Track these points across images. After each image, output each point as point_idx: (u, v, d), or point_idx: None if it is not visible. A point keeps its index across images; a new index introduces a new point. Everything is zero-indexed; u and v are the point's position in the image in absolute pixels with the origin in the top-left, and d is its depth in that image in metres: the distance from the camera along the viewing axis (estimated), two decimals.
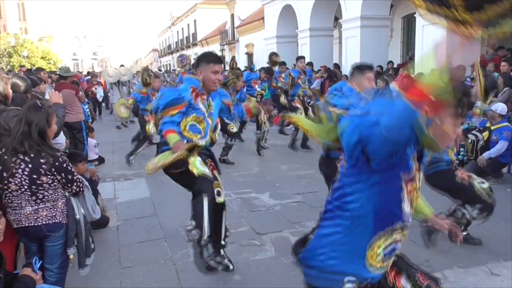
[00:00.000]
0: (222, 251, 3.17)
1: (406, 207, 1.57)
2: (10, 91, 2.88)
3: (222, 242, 3.14)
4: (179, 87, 3.19)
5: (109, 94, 14.41)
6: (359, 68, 3.45)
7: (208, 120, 3.19)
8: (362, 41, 11.46)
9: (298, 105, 8.09)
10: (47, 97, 5.13)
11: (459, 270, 3.36)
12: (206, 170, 2.95)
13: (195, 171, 2.92)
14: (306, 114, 8.19)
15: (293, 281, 3.26)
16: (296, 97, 8.19)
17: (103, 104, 15.43)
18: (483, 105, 6.34)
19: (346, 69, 12.29)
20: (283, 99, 8.52)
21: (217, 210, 2.96)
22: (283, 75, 8.75)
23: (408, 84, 1.30)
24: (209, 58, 3.12)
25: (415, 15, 9.66)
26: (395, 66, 11.36)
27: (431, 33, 8.88)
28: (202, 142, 3.14)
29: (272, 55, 8.65)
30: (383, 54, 11.78)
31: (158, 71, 17.43)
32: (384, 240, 1.60)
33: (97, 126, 11.35)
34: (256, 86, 8.28)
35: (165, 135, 3.00)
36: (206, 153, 3.22)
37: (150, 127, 6.78)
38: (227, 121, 7.11)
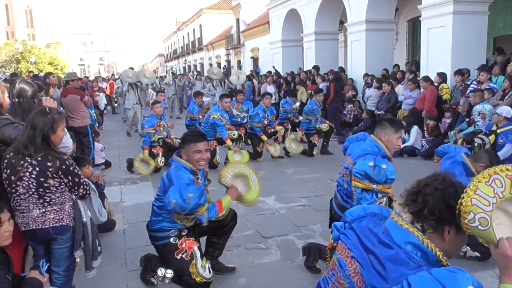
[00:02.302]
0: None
1: None
2: (7, 100, 2.86)
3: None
4: (181, 174, 2.88)
5: (115, 99, 13.66)
6: (393, 126, 3.18)
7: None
8: (367, 44, 11.45)
9: (316, 142, 7.91)
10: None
11: (479, 274, 3.33)
12: (207, 275, 2.92)
13: (198, 279, 2.88)
14: (322, 132, 8.04)
15: (298, 284, 3.26)
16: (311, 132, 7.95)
17: (105, 111, 14.71)
18: (491, 108, 6.31)
19: (351, 73, 12.28)
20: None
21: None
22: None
23: None
24: (190, 138, 2.97)
25: (420, 19, 9.64)
26: (401, 69, 11.32)
27: (436, 36, 8.87)
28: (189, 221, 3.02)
29: None
30: (389, 58, 11.75)
31: (171, 71, 17.23)
32: None
33: (103, 130, 11.41)
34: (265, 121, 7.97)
35: (220, 210, 2.98)
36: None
37: (159, 160, 6.77)
38: (222, 134, 7.13)
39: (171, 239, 2.92)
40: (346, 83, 11.91)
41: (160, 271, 2.99)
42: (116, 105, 16.84)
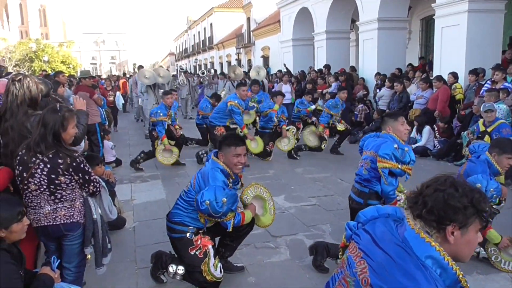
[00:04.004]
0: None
1: None
2: (40, 95, 2.94)
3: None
4: (217, 176, 2.91)
5: (138, 99, 12.89)
6: (391, 116, 3.53)
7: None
8: (379, 43, 11.33)
9: (326, 137, 7.82)
10: (71, 100, 5.23)
11: (479, 276, 3.28)
12: (218, 274, 2.95)
13: (208, 277, 2.91)
14: (337, 130, 7.99)
15: (307, 283, 3.24)
16: (327, 127, 7.85)
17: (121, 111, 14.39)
18: (507, 108, 6.23)
19: (363, 72, 12.18)
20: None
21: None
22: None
23: None
24: (231, 141, 3.01)
25: (434, 17, 9.51)
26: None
27: (450, 35, 8.74)
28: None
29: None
30: (401, 57, 11.63)
31: (181, 69, 16.89)
32: None
33: (118, 132, 11.42)
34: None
35: (243, 221, 3.05)
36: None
37: (160, 143, 6.88)
38: (233, 126, 7.20)
39: (188, 234, 2.95)
40: (357, 82, 11.83)
41: (172, 268, 3.03)
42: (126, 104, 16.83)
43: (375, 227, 1.58)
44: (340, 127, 7.88)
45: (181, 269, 3.01)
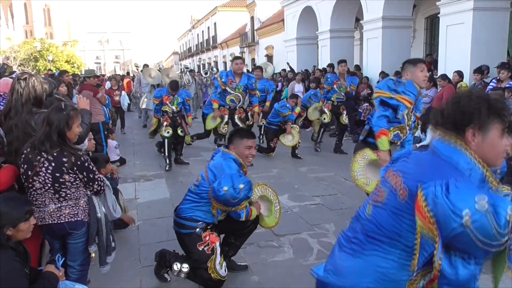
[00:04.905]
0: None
1: None
2: (44, 94, 2.96)
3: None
4: (231, 165, 2.97)
5: (143, 99, 12.69)
6: (411, 62, 3.62)
7: None
8: (384, 42, 11.29)
9: (326, 110, 7.90)
10: (74, 100, 5.26)
11: (484, 276, 3.24)
12: (223, 273, 2.98)
13: (213, 275, 2.93)
14: (338, 120, 8.03)
15: (311, 283, 3.22)
16: (329, 102, 7.94)
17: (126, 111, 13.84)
18: None
19: (367, 71, 12.14)
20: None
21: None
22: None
23: None
24: (242, 133, 3.14)
25: (438, 15, 9.46)
26: None
27: (455, 33, 8.69)
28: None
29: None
30: (405, 55, 11.53)
31: (185, 68, 16.69)
32: None
33: (125, 134, 11.38)
34: None
35: (251, 215, 3.09)
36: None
37: (164, 130, 6.92)
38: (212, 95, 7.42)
39: (197, 230, 2.96)
40: (361, 81, 11.78)
41: (176, 266, 3.04)
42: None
43: (408, 155, 1.60)
44: (342, 118, 7.92)
45: (185, 267, 3.02)
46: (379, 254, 1.47)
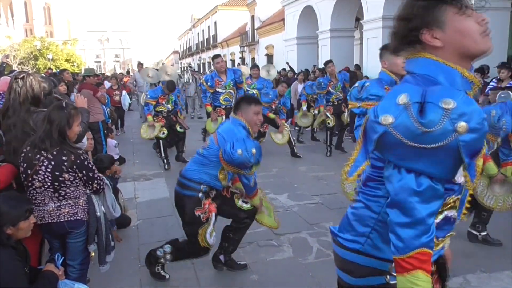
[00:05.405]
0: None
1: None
2: (42, 93, 2.96)
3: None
4: (241, 130, 2.99)
5: (144, 94, 12.42)
6: (388, 48, 3.43)
7: None
8: (384, 41, 11.26)
9: (329, 114, 7.81)
10: (72, 98, 5.26)
11: (482, 274, 3.27)
12: (211, 241, 3.00)
13: (201, 242, 2.97)
14: (340, 118, 7.96)
15: (310, 281, 3.24)
16: (329, 105, 7.83)
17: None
18: None
19: (367, 70, 12.14)
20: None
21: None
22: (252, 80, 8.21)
23: None
24: (250, 100, 3.14)
25: None
26: None
27: None
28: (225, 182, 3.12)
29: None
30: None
31: (189, 67, 16.48)
32: None
33: (125, 133, 11.40)
34: (273, 106, 7.78)
35: (256, 193, 3.14)
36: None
37: (159, 130, 6.91)
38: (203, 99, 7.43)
39: (200, 194, 2.97)
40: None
41: (159, 251, 3.11)
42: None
43: None
44: (344, 115, 7.90)
45: (167, 247, 3.09)
46: None
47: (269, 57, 24.37)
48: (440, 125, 1.07)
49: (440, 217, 1.28)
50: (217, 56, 7.34)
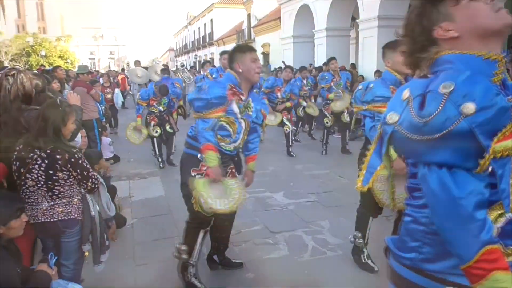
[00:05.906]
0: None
1: None
2: (34, 91, 2.90)
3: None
4: (220, 80, 2.95)
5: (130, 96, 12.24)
6: (390, 46, 3.30)
7: (241, 122, 2.93)
8: (380, 41, 11.30)
9: (327, 114, 7.80)
10: (65, 96, 5.20)
11: None
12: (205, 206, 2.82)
13: (195, 205, 2.89)
14: (339, 118, 7.91)
15: (306, 279, 3.24)
16: (328, 103, 7.78)
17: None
18: None
19: (362, 70, 12.16)
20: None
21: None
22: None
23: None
24: (243, 48, 2.95)
25: None
26: None
27: None
28: (230, 147, 2.96)
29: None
30: None
31: (181, 66, 16.36)
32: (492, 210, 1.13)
33: (118, 135, 11.33)
34: (279, 94, 7.76)
35: (204, 150, 2.78)
36: (231, 158, 3.09)
37: (152, 129, 6.87)
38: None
39: (199, 155, 2.88)
40: (356, 79, 11.80)
41: (175, 254, 3.05)
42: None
43: None
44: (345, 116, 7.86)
45: (175, 244, 3.07)
46: None
47: (266, 56, 24.35)
48: (439, 111, 1.02)
49: (502, 220, 1.12)
50: (224, 52, 7.39)
